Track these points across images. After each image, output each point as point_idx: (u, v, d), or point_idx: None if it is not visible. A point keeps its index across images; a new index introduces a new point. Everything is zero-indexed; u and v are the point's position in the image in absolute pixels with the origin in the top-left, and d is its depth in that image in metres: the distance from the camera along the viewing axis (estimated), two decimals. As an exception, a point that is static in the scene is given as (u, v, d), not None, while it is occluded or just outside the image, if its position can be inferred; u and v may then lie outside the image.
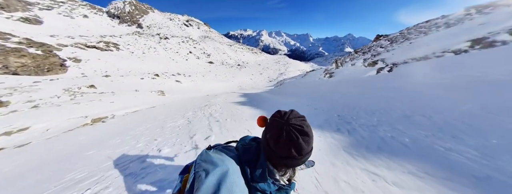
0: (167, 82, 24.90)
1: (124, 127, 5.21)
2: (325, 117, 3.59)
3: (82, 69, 24.29)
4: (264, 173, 0.49)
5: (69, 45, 27.83)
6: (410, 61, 6.72)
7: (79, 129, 6.35)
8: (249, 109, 5.69)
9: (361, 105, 3.99)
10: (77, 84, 15.15)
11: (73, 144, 4.24)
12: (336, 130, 2.85)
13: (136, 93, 15.10)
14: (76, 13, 57.39)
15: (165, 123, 4.57)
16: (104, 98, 11.99)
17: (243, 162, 0.51)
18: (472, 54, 4.83)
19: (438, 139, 2.09)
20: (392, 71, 6.97)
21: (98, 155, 2.98)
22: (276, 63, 66.37)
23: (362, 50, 18.40)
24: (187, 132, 3.48)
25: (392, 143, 2.18)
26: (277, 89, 15.77)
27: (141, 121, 5.71)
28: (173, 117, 5.30)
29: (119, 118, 7.61)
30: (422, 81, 4.50)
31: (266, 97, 8.83)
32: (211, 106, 6.68)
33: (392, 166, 1.75)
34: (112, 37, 44.25)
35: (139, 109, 9.04)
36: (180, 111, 6.32)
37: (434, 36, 8.36)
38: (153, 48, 51.75)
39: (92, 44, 33.24)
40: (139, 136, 3.72)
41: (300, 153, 0.48)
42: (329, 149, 2.27)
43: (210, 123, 3.98)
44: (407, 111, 3.08)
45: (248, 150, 0.55)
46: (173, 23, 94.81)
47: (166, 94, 16.20)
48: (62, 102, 10.66)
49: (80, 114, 8.75)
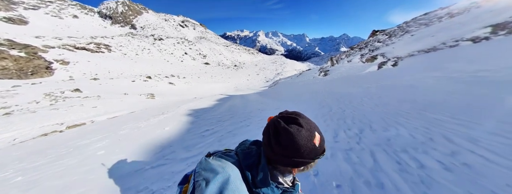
0: (160, 84, 24.14)
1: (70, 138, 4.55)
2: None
3: (70, 72, 23.31)
4: (266, 177, 0.48)
5: (56, 47, 26.73)
6: (416, 53, 6.29)
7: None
8: (189, 118, 5.08)
9: (372, 119, 3.00)
10: (60, 88, 14.33)
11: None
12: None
13: (123, 97, 14.38)
14: (65, 13, 55.73)
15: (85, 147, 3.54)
16: (87, 103, 11.25)
17: (244, 167, 0.49)
18: (500, 40, 4.20)
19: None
20: (398, 65, 6.47)
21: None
22: (273, 64, 66.20)
23: (358, 46, 17.95)
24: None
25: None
26: (269, 91, 15.34)
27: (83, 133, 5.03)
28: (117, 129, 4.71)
29: (99, 123, 6.97)
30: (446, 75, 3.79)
31: (246, 101, 8.33)
32: (166, 113, 6.18)
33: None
34: (104, 38, 43.04)
35: (119, 115, 8.41)
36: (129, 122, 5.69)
37: (437, 27, 8.00)
38: (147, 49, 50.72)
39: (81, 45, 32.13)
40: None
41: (298, 151, 0.46)
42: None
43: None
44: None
45: (248, 154, 0.52)
46: (168, 24, 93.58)
47: (156, 97, 15.52)
48: (39, 108, 9.90)
49: (57, 120, 8.06)
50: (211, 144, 3.16)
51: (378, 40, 14.35)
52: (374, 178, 1.60)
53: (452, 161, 1.60)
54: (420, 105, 3.12)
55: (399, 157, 1.81)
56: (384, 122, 2.75)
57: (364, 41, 19.13)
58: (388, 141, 2.17)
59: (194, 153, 2.83)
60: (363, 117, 3.20)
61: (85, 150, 3.37)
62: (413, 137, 2.14)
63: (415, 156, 1.78)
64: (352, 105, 4.25)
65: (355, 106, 4.06)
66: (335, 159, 1.98)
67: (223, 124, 4.45)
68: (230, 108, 6.72)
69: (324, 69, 16.26)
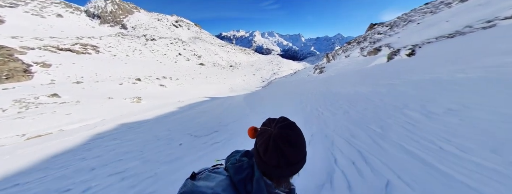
0: (150, 87, 22.94)
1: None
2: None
3: (52, 76, 21.75)
4: (262, 190, 0.45)
5: (36, 48, 24.98)
6: (433, 40, 5.50)
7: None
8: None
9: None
10: (35, 94, 13.04)
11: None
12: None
13: (106, 101, 13.26)
14: (47, 12, 52.73)
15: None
16: (62, 109, 10.13)
17: (237, 183, 0.45)
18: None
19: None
20: (415, 54, 5.47)
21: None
22: (269, 63, 65.63)
23: (356, 40, 17.23)
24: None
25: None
26: (259, 92, 14.59)
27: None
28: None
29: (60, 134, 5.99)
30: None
31: (221, 109, 7.46)
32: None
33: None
34: (91, 38, 41.08)
35: (93, 122, 7.43)
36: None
37: (449, 13, 7.36)
38: (138, 50, 48.95)
39: (66, 46, 30.34)
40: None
41: (289, 162, 0.45)
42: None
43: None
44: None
45: (239, 167, 0.49)
46: (161, 23, 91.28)
47: (142, 101, 14.47)
48: (3, 117, 8.74)
49: (19, 131, 6.99)
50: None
51: (378, 32, 13.70)
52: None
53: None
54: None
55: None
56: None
57: (362, 35, 18.43)
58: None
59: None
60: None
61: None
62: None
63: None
64: (375, 119, 2.52)
65: (386, 122, 2.29)
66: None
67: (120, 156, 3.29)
68: (182, 122, 5.72)
69: (320, 66, 15.40)
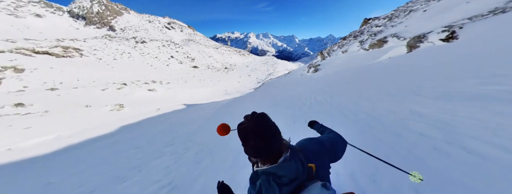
0: (137, 92, 21.27)
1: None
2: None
3: (25, 82, 19.64)
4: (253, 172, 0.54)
5: (6, 51, 22.67)
6: (467, 22, 4.38)
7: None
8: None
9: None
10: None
11: None
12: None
13: (81, 110, 11.69)
14: (23, 12, 49.11)
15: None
16: (22, 122, 8.56)
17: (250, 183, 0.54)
18: None
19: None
20: (457, 38, 4.14)
21: None
22: (265, 64, 64.97)
23: (351, 35, 16.51)
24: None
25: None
26: (252, 94, 13.53)
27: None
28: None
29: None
30: None
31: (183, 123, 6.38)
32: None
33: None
34: (74, 41, 38.54)
35: (52, 138, 6.04)
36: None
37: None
38: (127, 53, 46.70)
39: (43, 49, 27.97)
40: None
41: (262, 152, 0.49)
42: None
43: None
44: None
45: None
46: (152, 25, 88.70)
47: (125, 108, 12.98)
48: None
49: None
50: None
51: (375, 25, 12.99)
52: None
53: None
54: None
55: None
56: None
57: (357, 30, 17.77)
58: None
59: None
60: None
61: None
62: None
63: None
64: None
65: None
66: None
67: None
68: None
69: (314, 64, 14.24)
